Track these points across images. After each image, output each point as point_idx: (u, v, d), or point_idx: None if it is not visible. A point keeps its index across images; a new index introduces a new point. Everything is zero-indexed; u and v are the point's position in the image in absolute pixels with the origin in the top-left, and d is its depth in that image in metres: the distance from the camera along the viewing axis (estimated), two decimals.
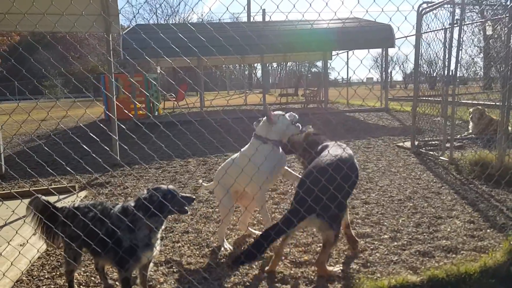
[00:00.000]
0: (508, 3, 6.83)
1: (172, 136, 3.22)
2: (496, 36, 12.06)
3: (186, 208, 2.87)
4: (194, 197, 2.96)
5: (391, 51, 16.36)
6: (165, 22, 45.83)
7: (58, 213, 2.92)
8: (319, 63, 44.56)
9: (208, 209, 5.15)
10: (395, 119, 13.24)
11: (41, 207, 2.92)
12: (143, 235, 2.75)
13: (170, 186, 2.87)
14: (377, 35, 14.41)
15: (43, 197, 2.97)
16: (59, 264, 3.74)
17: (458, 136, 8.59)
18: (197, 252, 3.91)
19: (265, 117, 3.85)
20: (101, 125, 3.35)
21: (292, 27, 14.46)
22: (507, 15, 6.50)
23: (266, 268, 3.49)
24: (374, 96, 15.23)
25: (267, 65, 37.35)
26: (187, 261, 3.73)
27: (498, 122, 7.93)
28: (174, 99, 20.06)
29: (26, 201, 2.99)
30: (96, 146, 3.46)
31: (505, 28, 8.94)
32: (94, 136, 3.08)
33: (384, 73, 17.53)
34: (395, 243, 3.85)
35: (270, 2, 2.82)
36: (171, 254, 3.89)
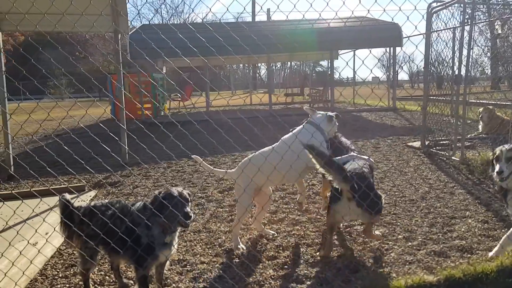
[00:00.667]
0: None
1: (189, 135, 3.22)
2: (504, 35, 12.00)
3: (187, 221, 2.78)
4: (192, 215, 2.79)
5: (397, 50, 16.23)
6: (168, 22, 45.85)
7: (76, 212, 2.92)
8: (323, 62, 44.52)
9: (218, 208, 5.14)
10: (403, 118, 13.19)
11: (62, 206, 2.93)
12: (157, 232, 2.76)
13: (184, 191, 2.82)
14: (385, 34, 14.35)
15: (66, 197, 2.98)
16: (73, 263, 3.75)
17: (468, 136, 8.53)
18: (210, 251, 3.91)
19: (325, 113, 4.19)
20: (120, 124, 3.35)
21: (301, 26, 14.43)
22: None
23: (320, 252, 3.69)
24: (381, 95, 15.16)
25: (271, 64, 37.30)
26: (201, 260, 3.72)
27: (508, 122, 7.89)
28: (180, 99, 20.09)
29: (45, 199, 3.01)
30: (104, 146, 3.46)
31: None
32: (113, 136, 3.09)
33: (391, 72, 17.47)
34: (410, 243, 3.82)
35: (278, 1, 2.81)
36: (184, 253, 3.89)
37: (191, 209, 2.77)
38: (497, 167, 3.23)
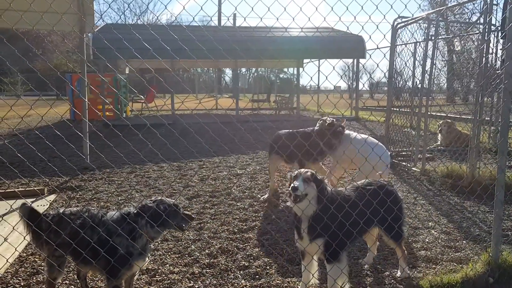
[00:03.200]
0: (480, 20, 7.13)
1: (153, 139, 3.15)
2: (461, 51, 12.61)
3: (183, 225, 2.87)
4: (193, 216, 3.00)
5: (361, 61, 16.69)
6: (133, 22, 44.98)
7: (43, 219, 2.79)
8: (288, 70, 44.96)
9: None
10: (366, 128, 13.53)
11: (28, 214, 2.78)
12: (142, 244, 2.71)
13: (174, 201, 2.87)
14: (350, 46, 14.73)
15: (30, 203, 2.83)
16: (35, 271, 3.57)
17: (428, 148, 8.86)
18: (180, 261, 3.83)
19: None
20: (71, 129, 3.21)
21: (269, 34, 14.55)
22: (480, 31, 6.78)
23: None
24: (344, 105, 15.49)
25: (238, 70, 37.37)
26: (170, 270, 3.64)
27: (465, 135, 8.26)
28: (143, 101, 19.70)
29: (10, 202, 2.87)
30: (65, 147, 3.30)
31: (474, 43, 9.36)
32: (74, 137, 2.96)
33: (355, 82, 17.93)
34: (378, 253, 3.90)
35: (253, 8, 2.83)
36: (153, 262, 3.79)
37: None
38: (294, 183, 2.95)
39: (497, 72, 6.04)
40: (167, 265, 3.73)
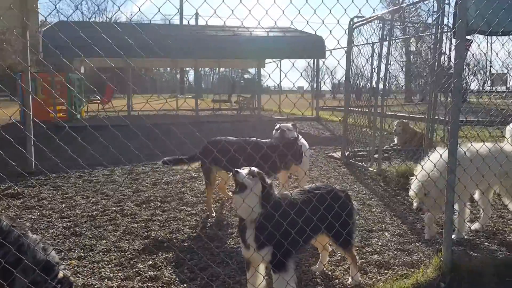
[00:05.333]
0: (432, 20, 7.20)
1: (105, 141, 2.87)
2: (417, 51, 12.86)
3: None
4: None
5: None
6: (89, 20, 43.52)
7: None
8: (251, 70, 44.99)
9: (132, 224, 4.76)
10: (326, 129, 13.56)
11: None
12: None
13: None
14: (310, 46, 14.74)
15: None
16: None
17: (384, 148, 8.90)
18: (120, 274, 3.54)
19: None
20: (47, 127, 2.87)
21: (230, 33, 14.36)
22: (433, 32, 6.83)
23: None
24: (305, 105, 15.50)
25: (200, 69, 36.95)
26: (108, 284, 3.35)
27: (420, 135, 8.35)
28: (99, 101, 19.01)
29: None
30: (10, 151, 2.95)
31: (428, 45, 9.51)
32: (17, 140, 2.63)
33: (316, 82, 18.00)
34: (329, 259, 3.76)
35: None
36: (89, 276, 3.49)
37: None
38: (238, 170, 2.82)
39: (450, 72, 6.09)
40: (105, 280, 3.43)
